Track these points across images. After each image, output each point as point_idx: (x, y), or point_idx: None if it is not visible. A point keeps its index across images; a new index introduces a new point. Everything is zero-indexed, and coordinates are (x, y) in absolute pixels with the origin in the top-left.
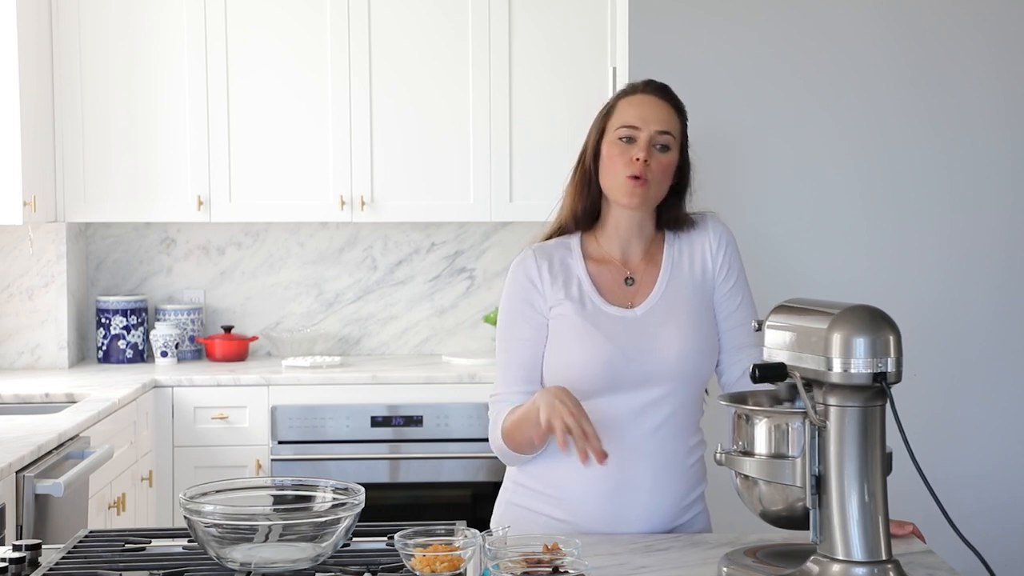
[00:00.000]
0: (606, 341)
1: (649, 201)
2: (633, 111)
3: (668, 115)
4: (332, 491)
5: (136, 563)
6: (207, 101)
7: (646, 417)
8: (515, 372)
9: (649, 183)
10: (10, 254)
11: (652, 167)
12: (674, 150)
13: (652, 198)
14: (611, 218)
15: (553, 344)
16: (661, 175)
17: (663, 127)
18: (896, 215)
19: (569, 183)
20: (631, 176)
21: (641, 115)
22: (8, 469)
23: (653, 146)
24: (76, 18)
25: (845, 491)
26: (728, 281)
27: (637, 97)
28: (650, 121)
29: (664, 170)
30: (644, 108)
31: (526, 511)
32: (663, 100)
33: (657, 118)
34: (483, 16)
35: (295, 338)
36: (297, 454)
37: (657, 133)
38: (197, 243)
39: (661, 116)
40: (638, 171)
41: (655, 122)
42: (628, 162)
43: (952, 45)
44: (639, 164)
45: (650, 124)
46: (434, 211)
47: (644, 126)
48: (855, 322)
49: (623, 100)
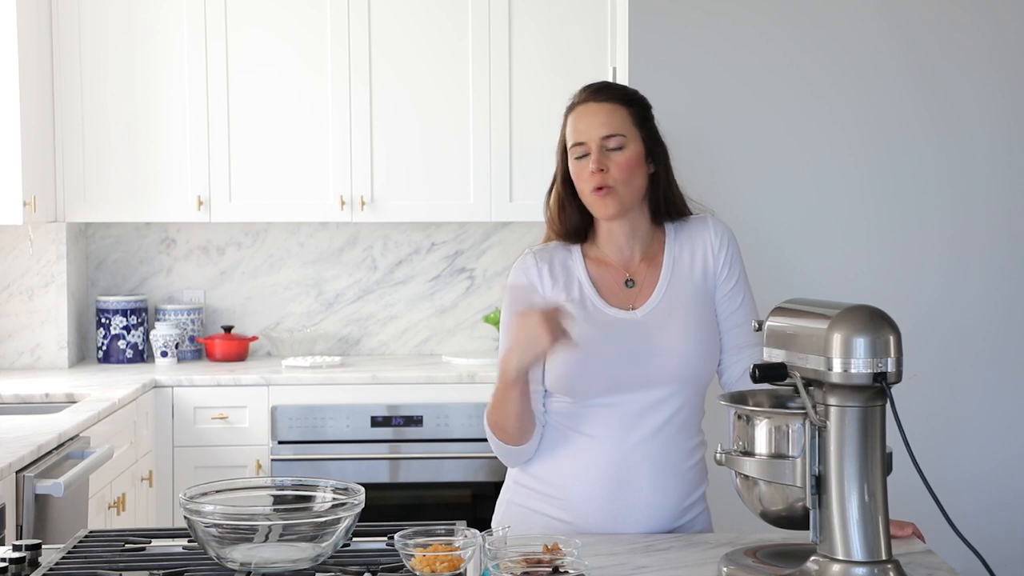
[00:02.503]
0: (607, 343)
1: (624, 205)
2: (576, 126)
3: (608, 115)
4: (332, 491)
5: (136, 563)
6: (207, 101)
7: (647, 419)
8: None
9: (615, 188)
10: (10, 254)
11: (612, 171)
12: (630, 144)
13: (625, 201)
14: (602, 229)
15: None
16: (624, 174)
17: (605, 131)
18: (896, 215)
19: (546, 206)
20: (594, 189)
21: (583, 127)
22: (8, 469)
23: (606, 150)
24: (76, 18)
25: (845, 491)
26: (729, 280)
27: (577, 110)
28: (591, 130)
29: (625, 168)
30: (584, 119)
31: (527, 511)
32: (601, 102)
33: (598, 123)
34: (483, 16)
35: (295, 338)
36: (297, 454)
37: (603, 139)
38: (197, 243)
39: (601, 120)
40: (597, 183)
41: (596, 128)
42: (587, 177)
43: (952, 46)
44: (597, 176)
45: (592, 133)
46: (434, 211)
47: (588, 138)
48: (855, 322)
49: (569, 117)
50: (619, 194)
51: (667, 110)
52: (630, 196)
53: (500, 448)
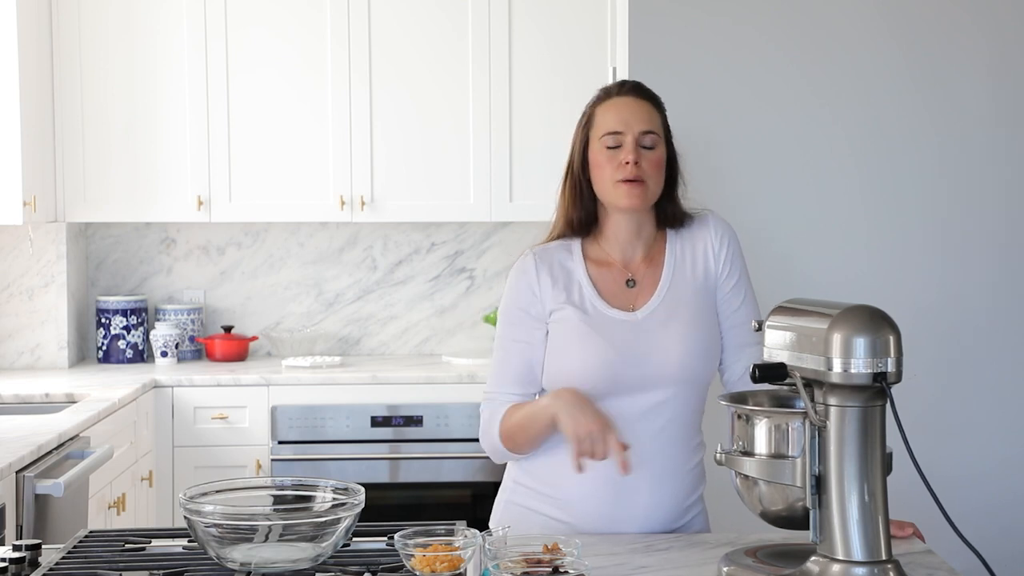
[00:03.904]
0: (607, 345)
1: (648, 200)
2: (613, 116)
3: (648, 113)
4: (332, 491)
5: (136, 563)
6: (207, 101)
7: (647, 421)
8: (510, 373)
9: (645, 183)
10: (10, 254)
11: (644, 167)
12: (660, 146)
13: (651, 197)
14: (609, 223)
15: (554, 348)
16: (654, 172)
17: (646, 127)
18: (896, 215)
19: (559, 196)
20: (624, 180)
21: (623, 119)
22: (8, 469)
23: (640, 146)
24: (76, 18)
25: (845, 491)
26: (730, 279)
27: (614, 101)
28: (632, 123)
29: (656, 166)
30: (624, 111)
31: (525, 510)
32: (641, 99)
33: (639, 118)
34: (483, 16)
35: (295, 338)
36: (297, 454)
37: (642, 134)
38: (197, 243)
39: (642, 116)
40: (631, 174)
41: (638, 123)
42: (618, 167)
43: (952, 46)
44: (631, 168)
45: (633, 126)
46: (434, 211)
47: (628, 129)
48: (855, 322)
49: (601, 106)
50: (648, 189)
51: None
52: (655, 193)
53: (500, 454)
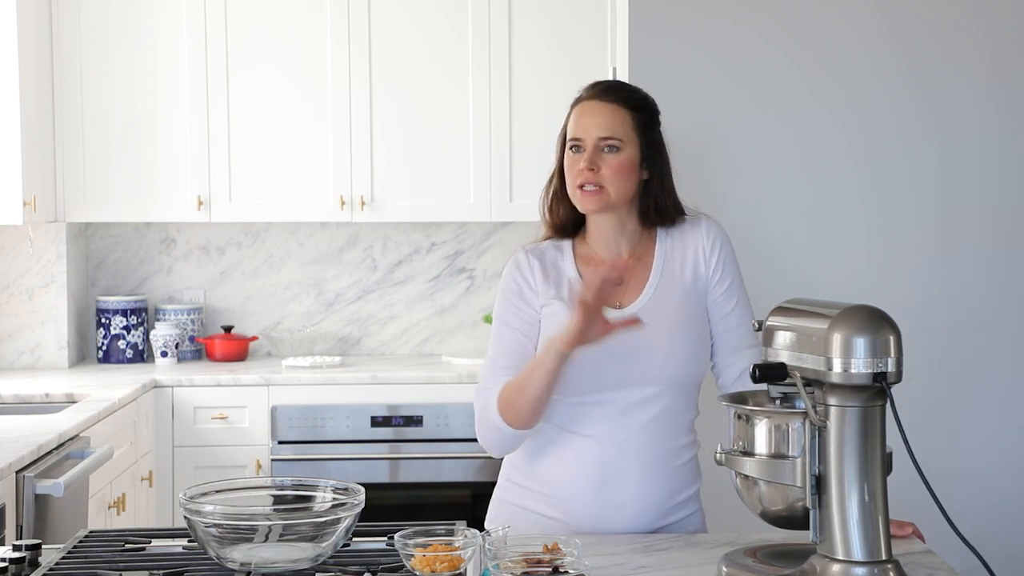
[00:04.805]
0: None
1: (607, 205)
2: (577, 121)
3: (610, 118)
4: (332, 491)
5: (136, 563)
6: (207, 101)
7: (633, 416)
8: (504, 361)
9: (603, 188)
10: (10, 254)
11: (603, 172)
12: (627, 148)
13: (610, 201)
14: (591, 224)
15: (543, 342)
16: (614, 176)
17: (604, 133)
18: (896, 215)
19: (542, 198)
20: (578, 185)
21: (583, 124)
22: (8, 469)
23: (601, 150)
24: (76, 18)
25: (845, 491)
26: (723, 283)
27: (581, 106)
28: (591, 128)
29: (617, 170)
30: (586, 116)
31: (518, 508)
32: (606, 102)
33: (597, 124)
34: (483, 16)
35: (295, 338)
36: (297, 454)
37: (600, 139)
38: (197, 243)
39: (602, 121)
40: (584, 180)
41: (595, 128)
42: (578, 172)
43: (952, 46)
44: (584, 173)
45: (591, 131)
46: (434, 211)
47: (586, 135)
48: (855, 322)
49: (574, 110)
50: (604, 193)
51: (667, 110)
52: (616, 196)
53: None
